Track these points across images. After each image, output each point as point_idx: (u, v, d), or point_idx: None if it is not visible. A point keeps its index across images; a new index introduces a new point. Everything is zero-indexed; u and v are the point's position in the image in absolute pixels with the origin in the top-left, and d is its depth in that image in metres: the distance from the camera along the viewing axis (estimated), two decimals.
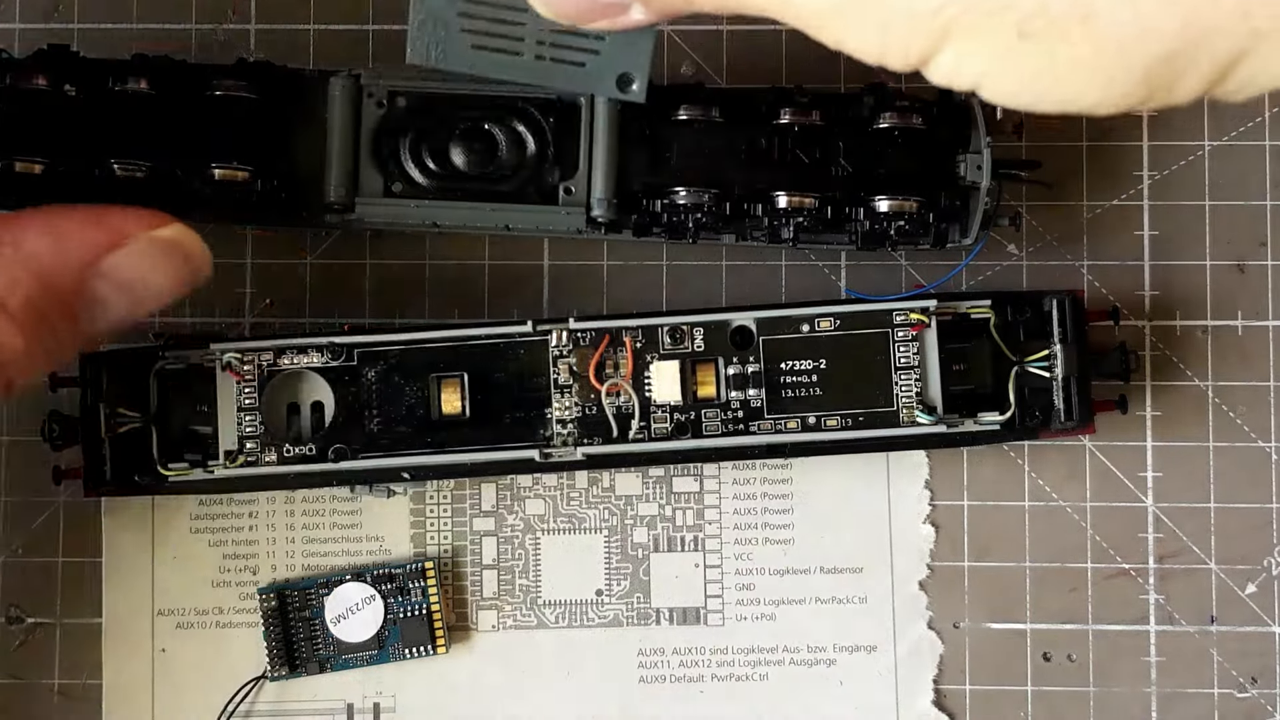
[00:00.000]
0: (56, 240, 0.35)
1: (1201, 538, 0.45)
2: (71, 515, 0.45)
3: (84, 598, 0.45)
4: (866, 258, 0.45)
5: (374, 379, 0.41)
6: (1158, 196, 0.46)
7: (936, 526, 0.45)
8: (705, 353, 0.41)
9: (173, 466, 0.41)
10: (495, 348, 0.42)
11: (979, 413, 0.42)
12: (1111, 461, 0.45)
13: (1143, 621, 0.45)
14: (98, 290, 0.35)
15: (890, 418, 0.41)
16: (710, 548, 0.45)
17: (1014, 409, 0.42)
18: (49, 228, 0.35)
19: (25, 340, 0.34)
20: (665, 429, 0.41)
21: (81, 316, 0.35)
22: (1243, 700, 0.45)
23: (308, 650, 0.44)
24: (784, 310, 0.41)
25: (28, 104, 0.39)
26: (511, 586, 0.45)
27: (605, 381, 0.41)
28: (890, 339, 0.41)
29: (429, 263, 0.45)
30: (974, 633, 0.45)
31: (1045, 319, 0.42)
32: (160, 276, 0.36)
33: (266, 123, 0.41)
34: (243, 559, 0.45)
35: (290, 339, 0.41)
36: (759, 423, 0.41)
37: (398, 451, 0.41)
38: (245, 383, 0.41)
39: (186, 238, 0.37)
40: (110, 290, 0.35)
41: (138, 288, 0.36)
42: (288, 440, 0.41)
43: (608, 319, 0.41)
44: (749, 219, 0.42)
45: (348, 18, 0.46)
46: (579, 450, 0.41)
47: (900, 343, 0.41)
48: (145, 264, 0.36)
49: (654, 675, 0.45)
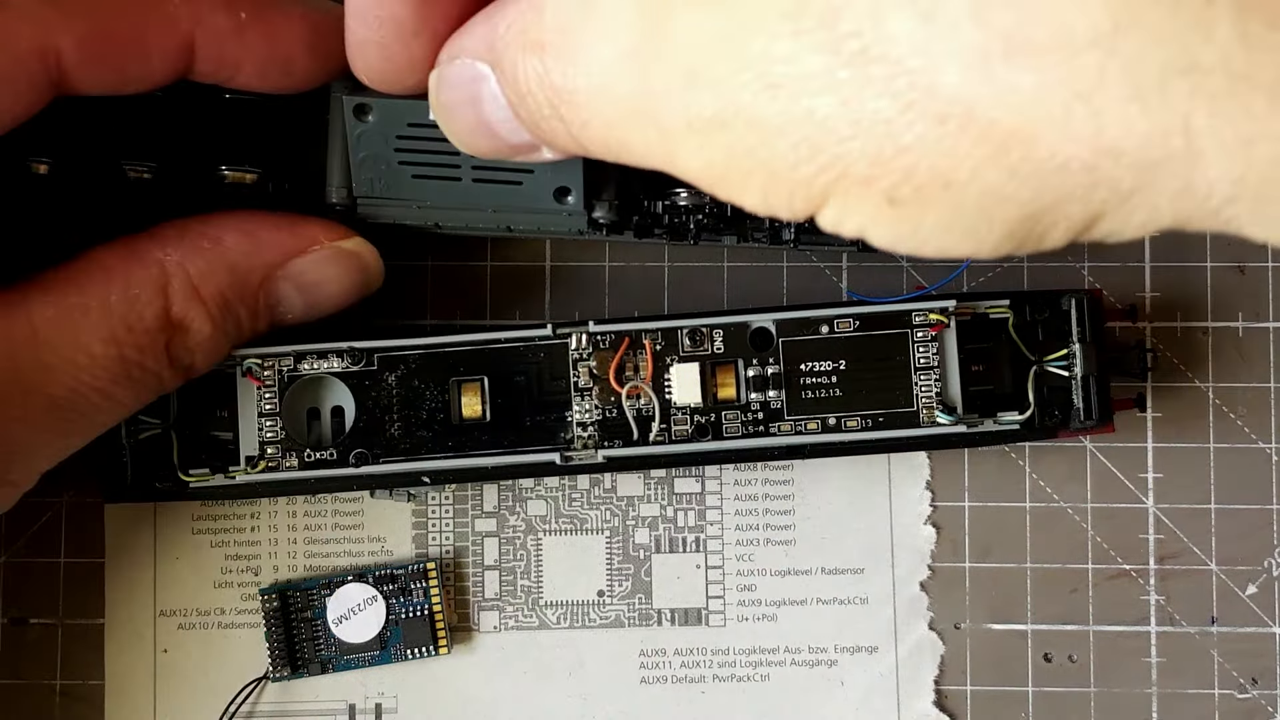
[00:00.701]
0: (251, 241, 0.38)
1: (1202, 539, 0.45)
2: (74, 516, 0.45)
3: (86, 598, 0.45)
4: (867, 258, 0.45)
5: (394, 383, 0.41)
6: None
7: (937, 527, 0.45)
8: (725, 354, 0.41)
9: (194, 473, 0.41)
10: (515, 351, 0.42)
11: (998, 412, 0.42)
12: (1112, 462, 0.45)
13: (1143, 622, 0.45)
14: (281, 290, 0.39)
15: (910, 418, 0.41)
16: (712, 548, 0.45)
17: (1033, 408, 0.42)
18: (246, 229, 0.39)
19: (213, 328, 0.38)
20: (685, 431, 0.41)
21: (262, 312, 0.39)
22: (1243, 701, 0.45)
23: (310, 651, 0.44)
24: (804, 311, 0.41)
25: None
26: (513, 587, 0.45)
27: (625, 384, 0.41)
28: (910, 339, 0.41)
29: (430, 264, 0.45)
30: (975, 633, 0.45)
31: (1064, 318, 0.42)
32: (337, 283, 0.40)
33: (274, 124, 0.41)
34: (245, 560, 0.45)
35: (310, 344, 0.41)
36: (779, 424, 0.41)
37: (418, 456, 0.41)
38: (265, 388, 0.41)
39: (366, 250, 0.40)
40: (291, 291, 0.39)
41: (317, 291, 0.40)
42: (308, 445, 0.41)
43: (627, 322, 0.42)
44: (750, 220, 0.42)
45: None
46: (600, 453, 0.41)
47: (920, 343, 0.41)
48: (327, 270, 0.39)
49: (655, 676, 0.45)
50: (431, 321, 0.45)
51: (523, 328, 0.42)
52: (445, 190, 0.40)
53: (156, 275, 0.37)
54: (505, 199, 0.40)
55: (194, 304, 0.38)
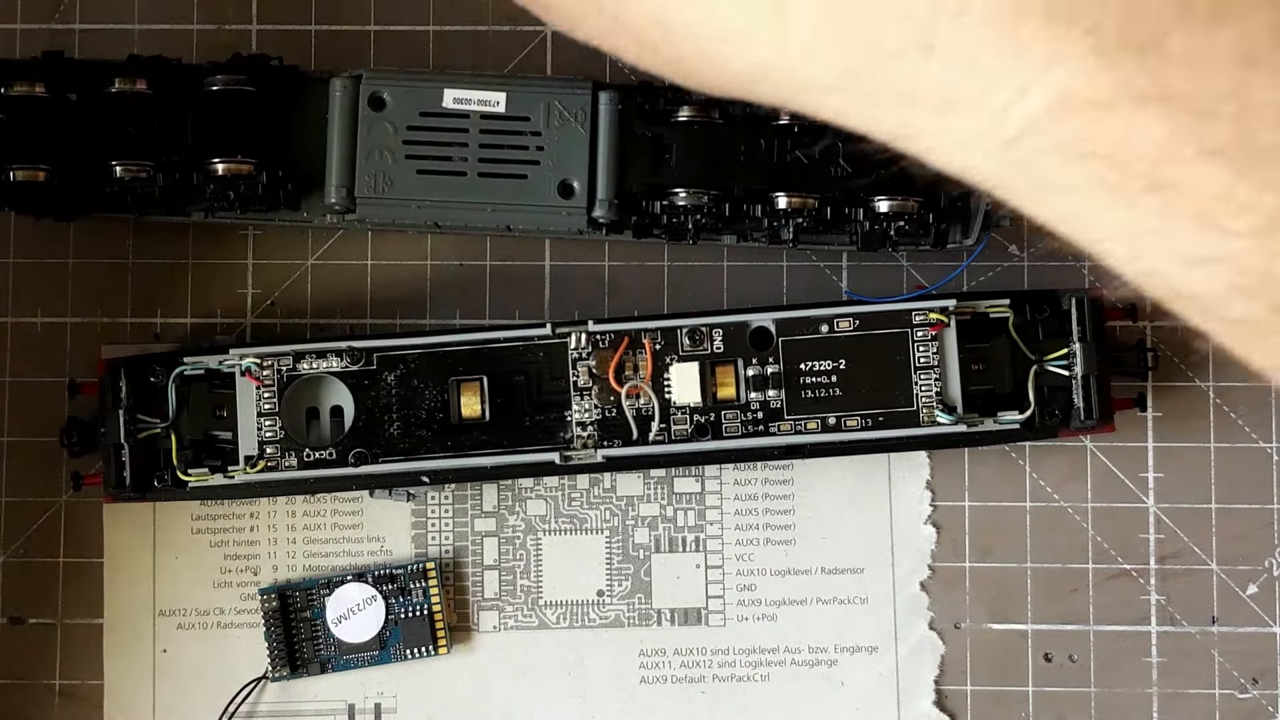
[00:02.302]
0: None
1: (1203, 538, 0.45)
2: (73, 516, 0.45)
3: (85, 598, 0.45)
4: (868, 258, 0.45)
5: (393, 383, 0.41)
6: None
7: (938, 527, 0.45)
8: (724, 354, 0.41)
9: (193, 472, 0.41)
10: (514, 350, 0.42)
11: (998, 412, 0.42)
12: (1113, 462, 0.45)
13: (1144, 622, 0.45)
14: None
15: (910, 418, 0.41)
16: (711, 548, 0.45)
17: (1034, 408, 0.42)
18: None
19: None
20: (685, 430, 0.41)
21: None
22: (1244, 701, 0.45)
23: (309, 651, 0.44)
24: (803, 311, 0.41)
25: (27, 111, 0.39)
26: (513, 587, 0.45)
27: (625, 384, 0.41)
28: (910, 339, 0.41)
29: (430, 263, 0.45)
30: (975, 633, 0.45)
31: (1064, 318, 0.42)
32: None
33: (267, 116, 0.41)
34: (244, 559, 0.45)
35: (309, 343, 0.41)
36: (779, 423, 0.41)
37: (417, 455, 0.41)
38: (264, 388, 0.41)
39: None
40: None
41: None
42: (308, 445, 0.41)
43: (626, 321, 0.42)
44: (749, 220, 0.42)
45: (348, 18, 0.46)
46: (599, 453, 0.41)
47: (920, 343, 0.41)
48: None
49: (655, 676, 0.45)
50: (431, 321, 0.45)
51: (522, 327, 0.42)
52: (450, 186, 0.40)
53: None
54: (510, 194, 0.40)
55: None
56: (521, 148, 0.40)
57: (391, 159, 0.40)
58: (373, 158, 0.40)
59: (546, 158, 0.40)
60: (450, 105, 0.39)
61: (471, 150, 0.40)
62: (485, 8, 0.46)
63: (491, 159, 0.40)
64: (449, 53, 0.45)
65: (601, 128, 0.41)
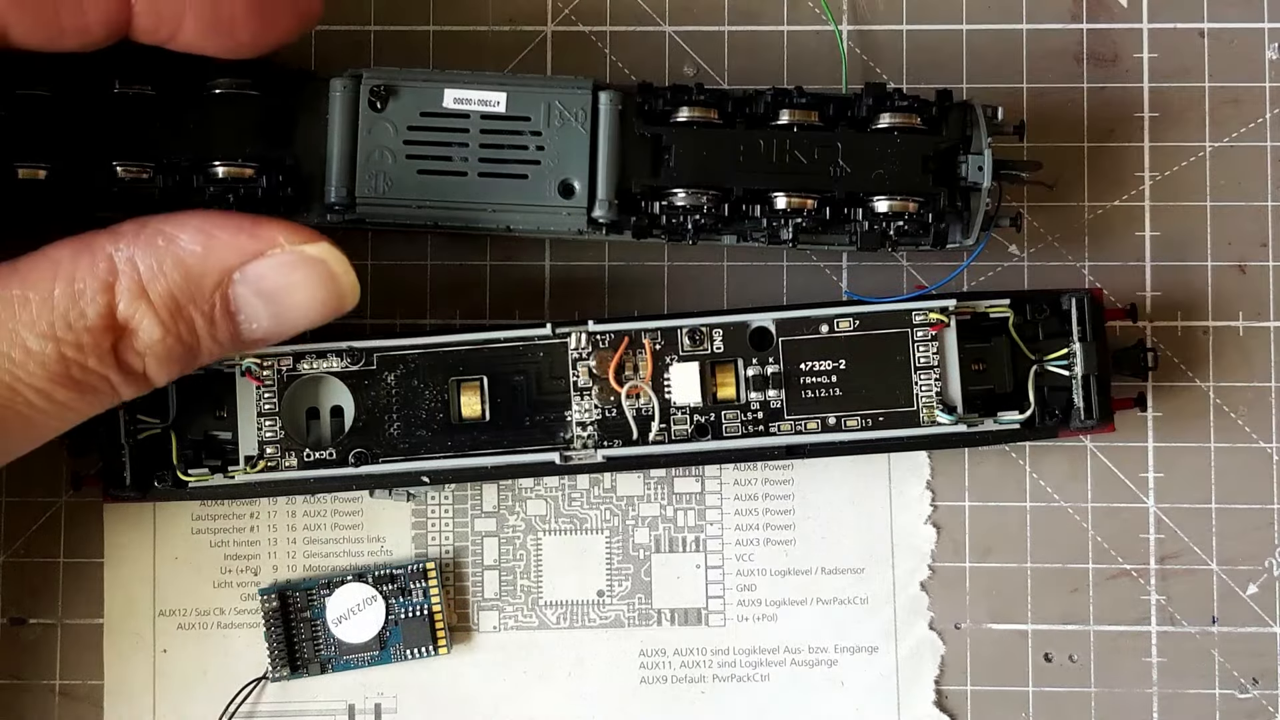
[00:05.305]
0: (207, 240, 0.36)
1: (1203, 538, 0.45)
2: (73, 516, 0.45)
3: (85, 598, 0.45)
4: (867, 258, 0.45)
5: (393, 383, 0.41)
6: (1159, 197, 0.46)
7: (938, 527, 0.45)
8: (724, 354, 0.41)
9: (193, 472, 0.41)
10: (514, 351, 0.42)
11: (998, 412, 0.42)
12: (1113, 462, 0.45)
13: (1144, 622, 0.45)
14: (239, 295, 0.36)
15: (910, 418, 0.41)
16: (711, 548, 0.45)
17: (1034, 408, 0.42)
18: (203, 228, 0.36)
19: (163, 331, 0.36)
20: (685, 431, 0.41)
21: (220, 320, 0.36)
22: (1244, 701, 0.45)
23: (309, 651, 0.44)
24: (803, 311, 0.41)
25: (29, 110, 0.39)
26: (513, 587, 0.45)
27: (625, 384, 0.41)
28: (910, 339, 0.41)
29: (430, 263, 0.45)
30: (975, 633, 0.45)
31: (1064, 318, 0.42)
32: (302, 292, 0.37)
33: (269, 119, 0.41)
34: (244, 559, 0.45)
35: (309, 343, 0.41)
36: (779, 424, 0.41)
37: (418, 455, 0.41)
38: (264, 388, 0.41)
39: (332, 258, 0.37)
40: (252, 298, 0.36)
41: (280, 300, 0.37)
42: (308, 445, 0.41)
43: (626, 321, 0.42)
44: (749, 220, 0.42)
45: (348, 18, 0.46)
46: (599, 453, 0.41)
47: (920, 343, 0.41)
48: (288, 276, 0.36)
49: (655, 676, 0.45)
50: (431, 321, 0.45)
51: (522, 327, 0.42)
52: (450, 186, 0.40)
53: (104, 271, 0.35)
54: (510, 194, 0.40)
55: (140, 303, 0.35)
56: (522, 148, 0.40)
57: (392, 159, 0.40)
58: (373, 158, 0.40)
59: (547, 158, 0.40)
60: (450, 105, 0.39)
61: (472, 150, 0.40)
62: (485, 8, 0.46)
63: (492, 159, 0.40)
64: (449, 53, 0.45)
65: (601, 128, 0.41)
